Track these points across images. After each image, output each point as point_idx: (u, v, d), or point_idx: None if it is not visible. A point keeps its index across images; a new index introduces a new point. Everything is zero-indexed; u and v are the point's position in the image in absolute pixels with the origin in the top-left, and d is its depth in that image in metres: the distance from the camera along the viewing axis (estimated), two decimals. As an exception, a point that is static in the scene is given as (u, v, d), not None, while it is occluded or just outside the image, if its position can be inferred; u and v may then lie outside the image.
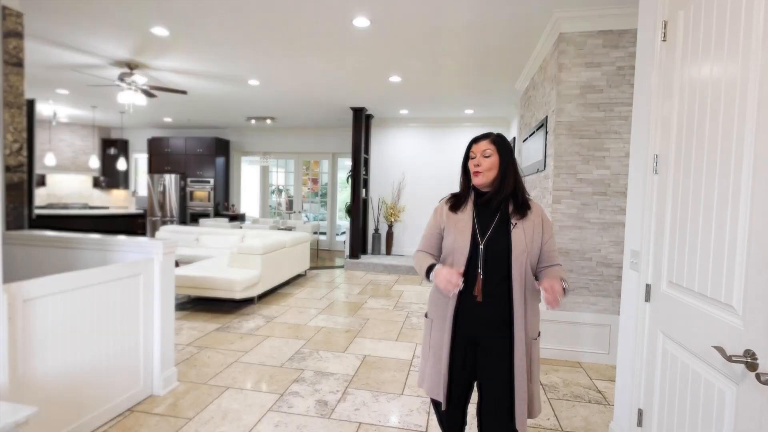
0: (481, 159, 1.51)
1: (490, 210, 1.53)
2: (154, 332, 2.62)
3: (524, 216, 1.49)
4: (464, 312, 1.51)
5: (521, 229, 1.47)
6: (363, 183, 7.25)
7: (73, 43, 4.23)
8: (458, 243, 1.51)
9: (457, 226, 1.54)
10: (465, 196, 1.60)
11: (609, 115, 3.06)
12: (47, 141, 9.32)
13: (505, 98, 5.92)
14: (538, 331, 1.54)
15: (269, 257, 4.93)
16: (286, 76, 5.18)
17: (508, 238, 1.47)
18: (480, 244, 1.48)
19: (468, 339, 1.52)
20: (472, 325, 1.50)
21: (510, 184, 1.51)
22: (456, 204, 1.59)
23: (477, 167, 1.51)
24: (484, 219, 1.52)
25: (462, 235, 1.51)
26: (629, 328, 1.94)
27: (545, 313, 3.23)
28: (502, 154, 1.52)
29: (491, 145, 1.52)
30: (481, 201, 1.56)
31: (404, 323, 4.19)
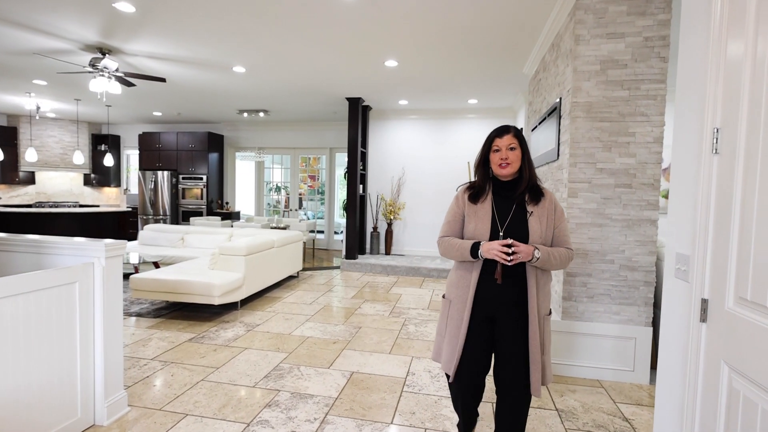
0: (507, 152, 1.62)
1: (507, 199, 1.66)
2: (96, 351, 2.21)
3: (538, 203, 1.64)
4: (484, 293, 1.65)
5: (537, 216, 1.62)
6: (360, 178, 6.83)
7: (34, 23, 3.83)
8: (479, 230, 1.65)
9: (477, 214, 1.67)
10: (483, 187, 1.71)
11: (634, 94, 2.61)
12: (35, 137, 9.00)
13: (512, 85, 5.47)
14: (549, 309, 1.69)
15: (254, 258, 4.53)
16: (273, 62, 4.77)
17: (525, 225, 1.61)
18: (500, 231, 1.62)
19: (486, 317, 1.67)
20: (490, 304, 1.65)
21: (532, 174, 1.66)
22: (475, 195, 1.71)
23: (505, 160, 1.62)
24: (502, 208, 1.65)
25: (483, 223, 1.65)
26: (674, 354, 1.51)
27: (557, 325, 2.80)
28: (523, 146, 1.65)
29: (515, 139, 1.64)
30: (499, 191, 1.69)
31: (400, 332, 3.78)
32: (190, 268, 4.38)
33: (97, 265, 2.20)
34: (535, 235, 1.59)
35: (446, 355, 1.71)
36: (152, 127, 9.78)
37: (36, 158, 7.54)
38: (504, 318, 1.64)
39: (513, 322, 1.63)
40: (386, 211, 7.21)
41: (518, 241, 1.56)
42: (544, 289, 1.64)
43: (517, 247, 1.53)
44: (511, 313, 1.63)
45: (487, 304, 1.65)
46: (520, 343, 1.62)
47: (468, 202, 1.71)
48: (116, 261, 2.27)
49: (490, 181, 1.71)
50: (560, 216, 1.67)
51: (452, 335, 1.68)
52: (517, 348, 1.63)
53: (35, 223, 6.99)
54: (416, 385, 2.73)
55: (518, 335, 1.63)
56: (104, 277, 2.20)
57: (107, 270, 2.22)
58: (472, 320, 1.66)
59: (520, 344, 1.62)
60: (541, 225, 1.61)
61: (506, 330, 1.64)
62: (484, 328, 1.67)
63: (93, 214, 7.66)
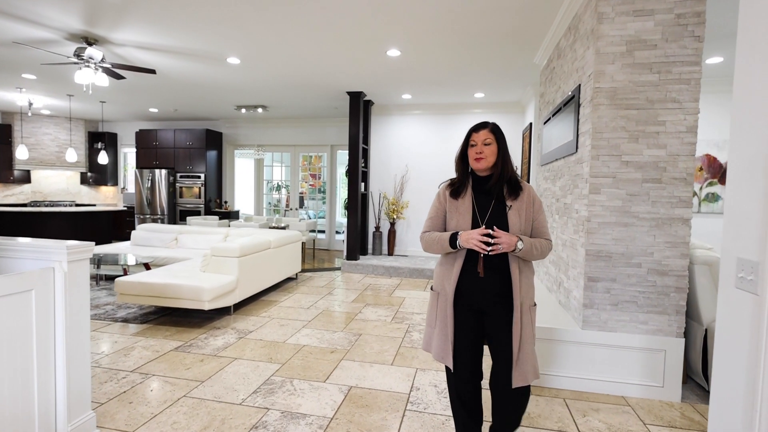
0: (482, 147, 1.65)
1: (487, 194, 1.69)
2: (57, 368, 1.96)
3: (517, 197, 1.66)
4: (469, 286, 1.67)
5: (516, 210, 1.65)
6: (362, 176, 6.57)
7: (13, 9, 3.59)
8: (461, 225, 1.67)
9: (458, 210, 1.70)
10: (463, 182, 1.74)
11: (665, 78, 2.33)
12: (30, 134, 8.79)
13: (521, 77, 5.19)
14: (534, 301, 1.69)
15: (249, 260, 4.27)
16: (269, 52, 4.51)
17: (505, 219, 1.64)
18: (481, 225, 1.64)
19: (473, 309, 1.68)
20: (476, 297, 1.66)
21: (508, 168, 1.68)
22: (456, 191, 1.73)
23: (479, 155, 1.66)
24: (482, 202, 1.69)
25: (464, 217, 1.67)
26: (735, 380, 1.24)
27: (577, 335, 2.53)
28: (499, 141, 1.67)
29: (491, 134, 1.67)
30: (479, 186, 1.72)
31: (403, 340, 3.51)
32: (180, 271, 4.13)
33: (58, 270, 1.95)
34: (515, 228, 1.62)
35: (438, 345, 1.72)
36: (149, 124, 9.57)
37: (27, 156, 7.32)
38: (491, 311, 1.67)
39: (500, 314, 1.65)
40: (389, 210, 6.95)
41: None
42: (527, 280, 1.66)
43: (499, 236, 1.54)
44: (497, 305, 1.65)
45: (472, 297, 1.67)
46: (508, 335, 1.64)
47: (449, 198, 1.74)
48: (81, 266, 2.02)
49: (469, 176, 1.74)
50: (538, 208, 1.70)
51: (442, 327, 1.70)
52: (507, 340, 1.64)
53: (27, 223, 6.77)
54: (421, 402, 2.47)
55: (506, 327, 1.64)
56: (66, 283, 1.95)
57: (70, 276, 1.96)
58: (458, 312, 1.69)
59: (508, 336, 1.64)
60: (520, 218, 1.63)
61: (495, 323, 1.66)
62: (471, 320, 1.69)
63: (87, 214, 7.44)
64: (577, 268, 2.68)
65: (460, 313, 1.68)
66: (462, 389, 1.75)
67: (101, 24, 3.90)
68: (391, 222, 6.96)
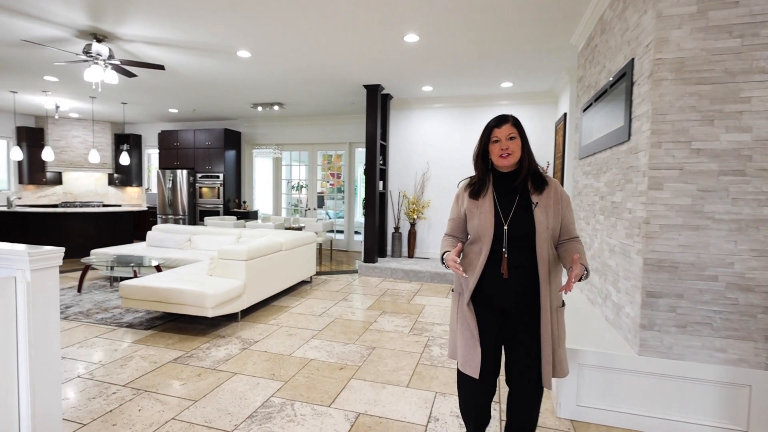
0: (507, 143, 1.57)
1: (510, 191, 1.61)
2: (20, 392, 1.70)
3: (542, 192, 1.57)
4: (493, 287, 1.59)
5: (543, 207, 1.55)
6: (380, 174, 6.21)
7: (18, 5, 3.43)
8: (482, 226, 1.59)
9: (480, 210, 1.62)
10: (484, 180, 1.65)
11: (750, 43, 1.86)
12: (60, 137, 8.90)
13: (555, 61, 4.70)
14: (563, 301, 1.62)
15: (257, 263, 4.00)
16: (279, 41, 4.21)
17: (530, 217, 1.55)
18: (504, 225, 1.56)
19: (497, 311, 1.62)
20: (501, 298, 1.59)
21: (533, 162, 1.60)
22: (476, 190, 1.65)
23: (505, 150, 1.57)
24: (505, 200, 1.60)
25: (486, 218, 1.59)
26: None
27: (631, 361, 2.08)
28: (522, 134, 1.59)
29: (514, 128, 1.58)
30: (501, 183, 1.63)
31: (422, 356, 3.13)
32: (187, 274, 3.89)
33: (20, 279, 1.68)
34: (542, 227, 1.53)
35: (465, 355, 1.63)
36: (171, 125, 9.55)
37: (53, 158, 7.38)
38: (515, 311, 1.60)
39: (524, 315, 1.59)
40: (409, 209, 6.56)
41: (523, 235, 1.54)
42: (555, 280, 1.59)
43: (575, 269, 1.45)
44: (521, 306, 1.58)
45: (495, 298, 1.61)
46: (533, 336, 1.58)
47: (469, 199, 1.67)
48: (47, 274, 1.75)
49: (490, 173, 1.66)
50: (567, 204, 1.61)
51: (468, 332, 1.63)
52: (530, 341, 1.58)
53: (54, 224, 6.78)
54: (440, 437, 2.09)
55: (530, 328, 1.58)
56: (30, 295, 1.68)
57: (34, 286, 1.69)
58: (481, 314, 1.62)
59: (532, 337, 1.58)
60: (548, 216, 1.54)
61: (517, 323, 1.60)
62: (493, 322, 1.63)
63: (109, 214, 7.42)
64: (630, 279, 2.23)
65: (482, 315, 1.62)
66: (480, 402, 1.69)
67: (106, 18, 3.70)
68: (411, 222, 6.58)
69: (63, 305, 4.11)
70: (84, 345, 3.19)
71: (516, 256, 1.55)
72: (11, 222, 6.50)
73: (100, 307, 4.09)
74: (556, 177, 5.65)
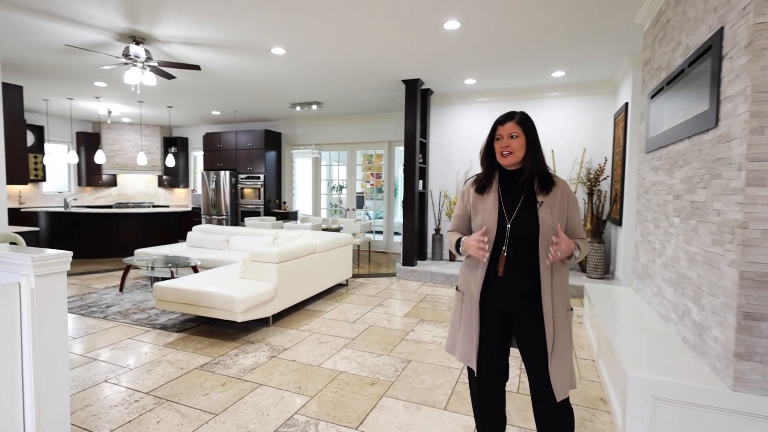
0: (508, 141, 1.54)
1: (515, 189, 1.57)
2: (25, 406, 1.60)
3: (549, 192, 1.53)
4: (491, 286, 1.58)
5: (548, 206, 1.52)
6: (419, 173, 5.93)
7: (59, 10, 3.50)
8: (486, 223, 1.56)
9: (484, 206, 1.60)
10: (489, 177, 1.63)
11: None
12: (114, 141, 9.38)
13: (615, 44, 4.20)
14: (570, 306, 1.56)
15: (290, 266, 3.86)
16: (314, 36, 4.05)
17: (535, 216, 1.52)
18: (507, 224, 1.54)
19: (499, 310, 1.58)
20: (500, 298, 1.57)
21: (538, 161, 1.55)
22: (481, 186, 1.64)
23: (506, 148, 1.55)
24: (509, 198, 1.58)
25: (489, 215, 1.57)
26: None
27: (721, 397, 1.68)
28: (528, 133, 1.55)
29: (517, 126, 1.55)
30: (507, 181, 1.60)
31: (462, 372, 2.83)
32: (219, 276, 3.82)
33: (24, 285, 1.58)
34: (546, 227, 1.50)
35: (462, 347, 1.63)
36: (214, 127, 9.79)
37: (104, 161, 7.73)
38: (519, 314, 1.57)
39: (528, 318, 1.55)
40: (450, 210, 6.23)
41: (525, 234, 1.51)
42: (560, 284, 1.54)
43: (560, 241, 1.40)
44: (525, 308, 1.55)
45: (497, 299, 1.58)
46: (539, 342, 1.52)
47: (474, 195, 1.65)
48: (54, 281, 1.64)
49: (496, 171, 1.64)
50: (573, 205, 1.58)
51: (467, 328, 1.62)
52: (537, 345, 1.53)
53: (103, 224, 7.08)
54: (481, 476, 1.79)
55: (535, 333, 1.53)
56: (34, 302, 1.58)
57: (39, 293, 1.59)
58: (484, 314, 1.60)
59: (539, 343, 1.52)
60: (552, 216, 1.51)
61: (522, 327, 1.57)
62: (496, 322, 1.60)
63: (156, 215, 7.66)
64: (719, 296, 1.82)
65: (485, 314, 1.59)
66: (485, 391, 1.63)
67: (142, 19, 3.71)
68: (453, 224, 6.23)
69: (104, 304, 4.18)
70: (117, 347, 3.17)
71: (515, 255, 1.52)
72: (68, 222, 6.86)
73: (138, 307, 4.12)
74: (615, 174, 5.11)
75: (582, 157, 5.59)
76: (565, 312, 1.52)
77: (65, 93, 6.61)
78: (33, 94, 6.65)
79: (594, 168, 5.57)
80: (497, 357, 1.60)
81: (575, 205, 1.57)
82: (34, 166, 8.14)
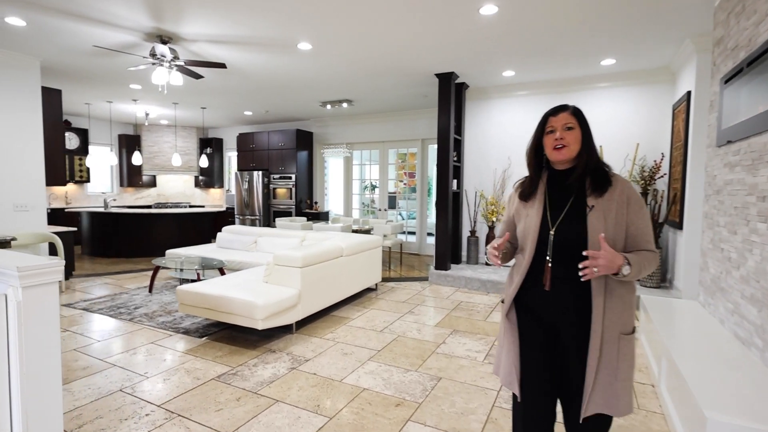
0: (563, 133, 1.37)
1: (566, 192, 1.40)
2: (13, 424, 1.47)
3: (603, 194, 1.33)
4: (536, 300, 1.41)
5: (600, 211, 1.32)
6: (453, 171, 5.61)
7: (85, 9, 3.49)
8: (527, 230, 1.42)
9: (527, 211, 1.45)
10: (535, 179, 1.47)
11: None
12: (153, 143, 9.66)
13: (674, 27, 3.72)
14: (633, 326, 1.34)
15: (315, 270, 3.68)
16: (339, 28, 3.85)
17: (583, 223, 1.32)
18: (550, 231, 1.37)
19: (546, 327, 1.40)
20: (546, 313, 1.39)
21: (593, 158, 1.38)
22: (526, 190, 1.48)
23: (560, 141, 1.37)
24: (556, 202, 1.41)
25: (531, 221, 1.42)
26: None
27: None
28: (583, 126, 1.39)
29: (572, 117, 1.39)
30: (556, 182, 1.43)
31: (499, 395, 2.52)
32: (242, 281, 3.70)
33: (11, 298, 1.45)
34: (596, 235, 1.27)
35: (505, 368, 1.47)
36: (248, 128, 9.86)
37: (141, 162, 7.90)
38: (565, 331, 1.36)
39: (576, 337, 1.33)
40: (487, 211, 5.86)
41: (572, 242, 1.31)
42: (620, 298, 1.30)
43: (595, 257, 1.20)
44: (571, 326, 1.34)
45: (543, 313, 1.39)
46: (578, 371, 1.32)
47: (519, 200, 1.49)
48: (43, 292, 1.50)
49: (544, 171, 1.46)
50: (637, 210, 1.31)
51: (509, 346, 1.45)
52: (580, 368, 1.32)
53: (139, 224, 7.24)
54: None
55: (580, 352, 1.32)
56: (21, 316, 1.44)
57: (26, 306, 1.45)
58: (526, 331, 1.42)
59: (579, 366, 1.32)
60: (606, 222, 1.29)
61: (569, 346, 1.35)
62: (538, 339, 1.40)
63: (190, 215, 7.77)
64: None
65: (528, 331, 1.43)
66: (529, 416, 1.43)
67: (165, 17, 3.64)
68: (489, 225, 5.87)
69: (133, 305, 4.18)
70: (137, 352, 3.10)
71: (563, 266, 1.33)
72: (107, 222, 7.06)
73: (165, 309, 4.08)
74: (674, 171, 4.58)
75: (635, 153, 5.08)
76: (620, 335, 1.29)
77: (104, 96, 6.79)
78: (76, 98, 6.89)
79: (649, 165, 5.05)
80: (545, 381, 1.41)
81: (639, 209, 1.32)
82: (79, 168, 8.48)
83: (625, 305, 1.31)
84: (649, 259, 1.29)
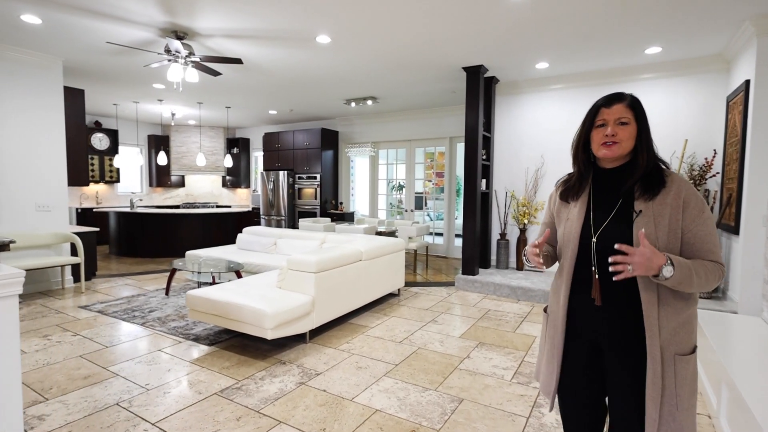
0: (615, 128, 1.20)
1: (612, 193, 1.25)
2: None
3: (655, 196, 1.17)
4: (583, 314, 1.26)
5: (650, 216, 1.16)
6: (482, 171, 5.27)
7: (95, 5, 3.41)
8: (568, 235, 1.29)
9: (568, 214, 1.32)
10: (582, 178, 1.32)
11: None
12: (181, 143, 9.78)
13: (729, 9, 3.26)
14: (693, 345, 1.17)
15: (330, 276, 3.46)
16: (358, 18, 3.62)
17: (629, 229, 1.17)
18: (593, 237, 1.23)
19: (590, 343, 1.27)
20: (592, 329, 1.25)
21: (651, 158, 1.21)
22: (570, 189, 1.34)
23: (611, 137, 1.20)
24: (602, 205, 1.26)
25: (573, 224, 1.28)
26: None
27: None
28: (640, 121, 1.21)
29: (629, 109, 1.20)
30: (604, 182, 1.27)
31: (528, 422, 2.21)
32: (254, 286, 3.52)
33: (-31, 312, 1.28)
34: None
35: (544, 377, 1.38)
36: (273, 127, 9.82)
37: (166, 162, 7.96)
38: (611, 350, 1.21)
39: (623, 358, 1.19)
40: (518, 212, 5.49)
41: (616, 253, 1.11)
42: (678, 314, 1.14)
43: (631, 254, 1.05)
44: (619, 345, 1.19)
45: (588, 329, 1.25)
46: (633, 388, 1.17)
47: (560, 200, 1.36)
48: (6, 303, 1.33)
49: (591, 168, 1.30)
50: (695, 216, 1.14)
51: (549, 356, 1.34)
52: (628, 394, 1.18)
53: (164, 224, 7.28)
54: None
55: (630, 377, 1.17)
56: (-21, 332, 1.27)
57: (-14, 320, 1.28)
58: (569, 342, 1.30)
59: (632, 390, 1.17)
60: (657, 229, 1.13)
61: (614, 367, 1.21)
62: (583, 354, 1.27)
63: (215, 215, 7.77)
64: None
65: (572, 343, 1.28)
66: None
67: (178, 10, 3.52)
68: (520, 228, 5.48)
69: (147, 309, 4.10)
70: (142, 360, 2.97)
71: (609, 278, 1.17)
72: (133, 221, 7.13)
73: (179, 314, 3.97)
74: (728, 170, 4.08)
75: (683, 150, 4.58)
76: (675, 355, 1.13)
77: (130, 96, 6.85)
78: (102, 98, 6.99)
79: (699, 163, 4.55)
80: (589, 393, 1.30)
81: (699, 214, 1.14)
82: (109, 168, 8.67)
83: (683, 320, 1.15)
84: (707, 269, 1.10)
